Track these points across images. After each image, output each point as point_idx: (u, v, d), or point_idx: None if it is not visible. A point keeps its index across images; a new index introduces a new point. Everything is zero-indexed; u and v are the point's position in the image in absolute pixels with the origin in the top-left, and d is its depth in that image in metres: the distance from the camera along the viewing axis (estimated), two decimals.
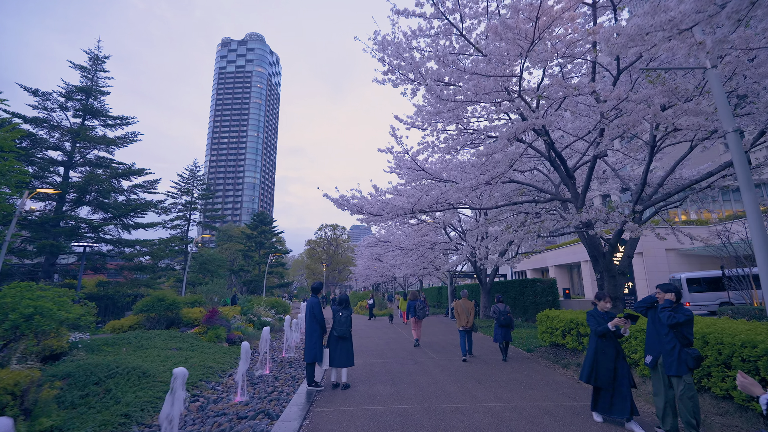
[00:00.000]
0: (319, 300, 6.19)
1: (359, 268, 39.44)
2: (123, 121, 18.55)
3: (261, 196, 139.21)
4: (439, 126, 9.17)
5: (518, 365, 7.80)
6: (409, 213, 8.40)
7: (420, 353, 9.47)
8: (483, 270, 17.69)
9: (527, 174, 12.92)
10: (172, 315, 10.72)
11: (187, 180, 28.20)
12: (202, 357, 7.69)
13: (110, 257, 17.87)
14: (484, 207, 8.81)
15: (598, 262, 8.43)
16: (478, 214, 15.54)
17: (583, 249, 36.28)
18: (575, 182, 8.38)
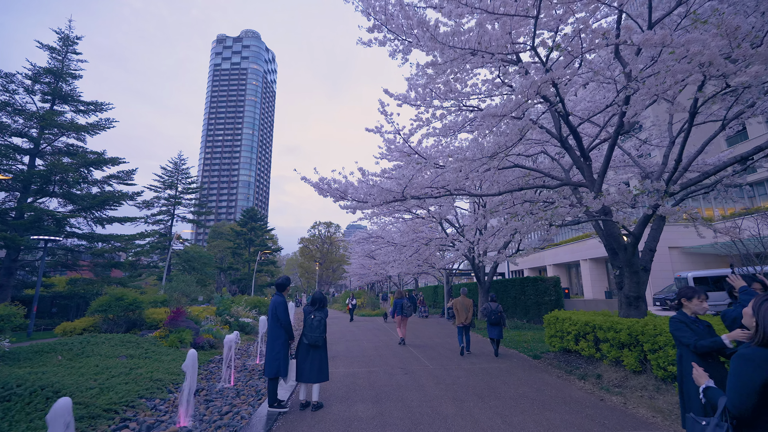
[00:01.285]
0: (285, 299, 5.03)
1: (353, 267, 38.27)
2: (96, 107, 17.21)
3: (256, 194, 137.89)
4: (435, 103, 8.06)
5: (526, 375, 6.68)
6: (400, 198, 7.24)
7: (412, 360, 8.33)
8: (481, 268, 16.59)
9: (530, 161, 11.83)
10: (134, 316, 9.50)
11: (171, 173, 26.84)
12: (154, 366, 6.50)
13: (78, 252, 16.56)
14: (485, 194, 7.70)
15: (618, 257, 7.33)
16: (477, 206, 14.43)
17: (582, 248, 35.36)
18: (590, 164, 7.27)
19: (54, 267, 17.90)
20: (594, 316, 7.39)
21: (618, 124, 6.34)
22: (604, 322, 6.50)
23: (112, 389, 5.02)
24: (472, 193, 7.99)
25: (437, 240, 15.48)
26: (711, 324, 3.07)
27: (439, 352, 9.39)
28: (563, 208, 6.28)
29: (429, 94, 7.96)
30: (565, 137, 7.76)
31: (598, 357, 6.74)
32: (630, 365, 5.75)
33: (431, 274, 32.16)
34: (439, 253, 19.87)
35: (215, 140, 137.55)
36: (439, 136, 9.38)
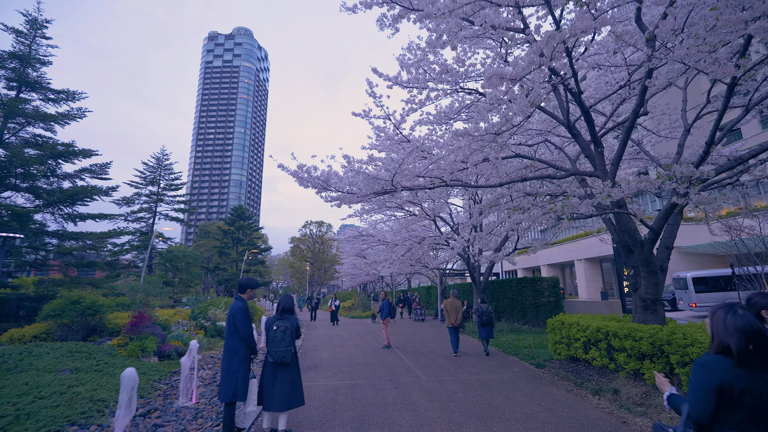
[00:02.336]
0: (246, 305, 4.14)
1: (345, 267, 37.32)
2: (68, 96, 16.06)
3: (248, 193, 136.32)
4: (430, 85, 7.24)
5: (531, 389, 5.88)
6: (390, 189, 6.40)
7: (402, 370, 7.48)
8: (477, 267, 15.82)
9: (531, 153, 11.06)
10: (94, 321, 8.51)
11: (153, 168, 25.62)
12: (101, 382, 5.55)
13: (47, 251, 15.37)
14: (483, 185, 6.90)
15: (632, 255, 6.57)
16: (473, 202, 13.65)
17: (577, 247, 34.90)
18: (602, 150, 6.50)
19: (21, 267, 16.70)
20: (606, 321, 6.62)
21: (638, 103, 5.57)
22: (620, 328, 5.73)
23: (33, 415, 4.09)
24: (470, 185, 7.17)
25: (431, 238, 14.68)
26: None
27: (432, 359, 8.56)
28: (575, 198, 5.49)
29: (423, 75, 7.15)
30: (572, 123, 7.00)
31: (612, 368, 5.96)
32: (653, 379, 4.97)
33: (424, 275, 31.38)
34: (433, 252, 19.08)
35: (206, 139, 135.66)
36: (433, 124, 8.57)
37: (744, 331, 1.66)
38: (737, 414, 1.62)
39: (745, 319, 1.70)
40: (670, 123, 9.64)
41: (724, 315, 1.75)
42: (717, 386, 1.64)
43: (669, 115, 9.57)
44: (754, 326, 1.67)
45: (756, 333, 1.66)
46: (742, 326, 1.68)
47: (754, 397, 1.60)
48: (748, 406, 1.60)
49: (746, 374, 1.63)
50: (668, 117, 9.60)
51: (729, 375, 1.64)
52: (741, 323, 1.68)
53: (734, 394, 1.62)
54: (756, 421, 1.60)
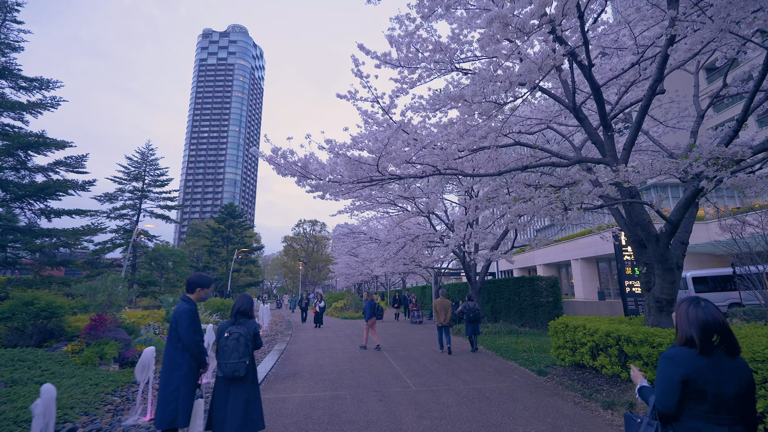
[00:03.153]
0: (193, 307, 3.40)
1: (339, 267, 36.54)
2: (42, 84, 15.15)
3: (242, 192, 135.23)
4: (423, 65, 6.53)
5: (534, 401, 5.19)
6: (377, 178, 5.69)
7: (391, 378, 6.77)
8: (472, 266, 15.17)
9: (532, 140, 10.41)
10: (51, 324, 7.70)
11: (137, 164, 24.65)
12: (35, 397, 4.77)
13: (14, 248, 14.46)
14: (481, 174, 6.23)
15: (645, 251, 5.92)
16: (468, 197, 12.99)
17: (573, 247, 34.45)
18: (613, 134, 5.84)
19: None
20: (615, 324, 5.97)
21: (655, 77, 4.91)
22: (634, 333, 5.06)
23: None
24: (465, 173, 6.49)
25: (425, 236, 14.00)
26: None
27: (424, 364, 7.86)
28: (587, 184, 4.80)
29: (414, 54, 6.45)
30: (578, 106, 6.35)
31: (625, 377, 5.30)
32: None
33: (419, 274, 30.75)
34: (427, 251, 18.41)
35: (200, 137, 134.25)
36: (426, 111, 7.86)
37: (705, 322, 1.71)
38: (702, 404, 1.67)
39: (707, 311, 1.74)
40: (678, 111, 9.03)
41: (687, 308, 1.79)
42: (682, 378, 1.69)
43: (678, 103, 8.96)
44: (715, 318, 1.72)
45: (717, 325, 1.70)
46: (704, 318, 1.72)
47: (717, 387, 1.64)
48: (711, 396, 1.64)
49: (709, 365, 1.67)
50: (677, 105, 9.00)
51: (693, 367, 1.68)
52: (703, 315, 1.73)
53: (698, 384, 1.67)
54: (719, 411, 1.64)
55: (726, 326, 1.71)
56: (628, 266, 14.03)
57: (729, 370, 1.67)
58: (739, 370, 1.69)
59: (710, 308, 1.76)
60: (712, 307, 1.77)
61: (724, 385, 1.64)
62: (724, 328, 1.71)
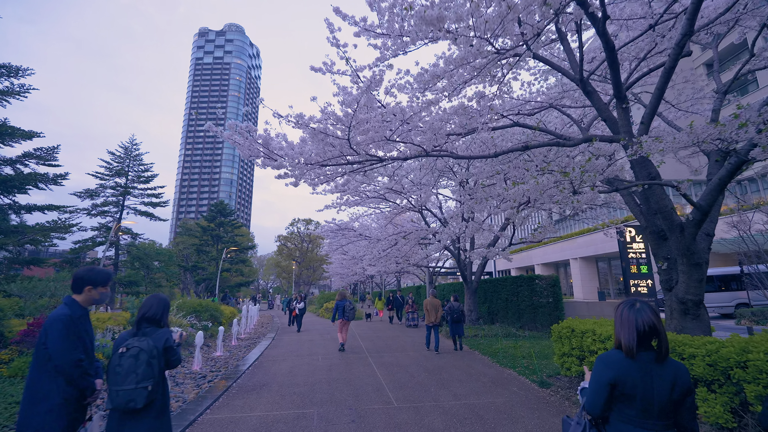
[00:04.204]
0: (76, 313, 2.52)
1: (334, 267, 35.61)
2: (10, 71, 14.17)
3: (239, 192, 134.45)
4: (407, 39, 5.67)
5: (536, 422, 4.33)
6: (348, 152, 4.82)
7: (372, 391, 5.89)
8: (468, 265, 14.33)
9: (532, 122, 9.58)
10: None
11: (120, 159, 23.64)
12: None
13: None
14: (475, 155, 5.38)
15: (665, 243, 5.07)
16: (462, 190, 12.14)
17: (572, 246, 33.71)
18: (628, 107, 4.99)
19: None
20: None
21: (683, 31, 4.05)
22: None
23: None
24: (458, 155, 5.62)
25: (417, 233, 13.14)
26: None
27: (411, 373, 6.99)
28: (602, 158, 3.95)
29: (400, 23, 5.58)
30: (586, 78, 5.50)
31: None
32: (713, 417, 3.46)
33: (414, 274, 29.87)
34: (421, 249, 17.54)
35: (196, 136, 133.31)
36: (414, 91, 6.99)
37: (635, 325, 1.68)
38: (631, 408, 1.65)
39: (639, 314, 1.70)
40: (693, 93, 8.20)
41: (622, 310, 1.77)
42: (609, 381, 1.66)
43: (693, 83, 8.15)
44: (645, 321, 1.67)
45: (648, 328, 1.67)
46: (633, 321, 1.69)
47: (646, 392, 1.61)
48: (640, 401, 1.62)
49: (639, 369, 1.64)
50: (691, 85, 8.18)
51: (622, 370, 1.66)
52: (633, 318, 1.70)
53: (626, 388, 1.64)
54: (648, 416, 1.62)
55: (657, 329, 1.67)
56: (633, 264, 13.19)
57: (660, 375, 1.63)
58: (673, 375, 1.64)
59: (644, 311, 1.71)
60: (647, 310, 1.71)
61: (654, 390, 1.61)
62: (655, 332, 1.67)
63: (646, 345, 1.66)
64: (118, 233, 21.49)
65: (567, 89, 8.86)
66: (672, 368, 1.65)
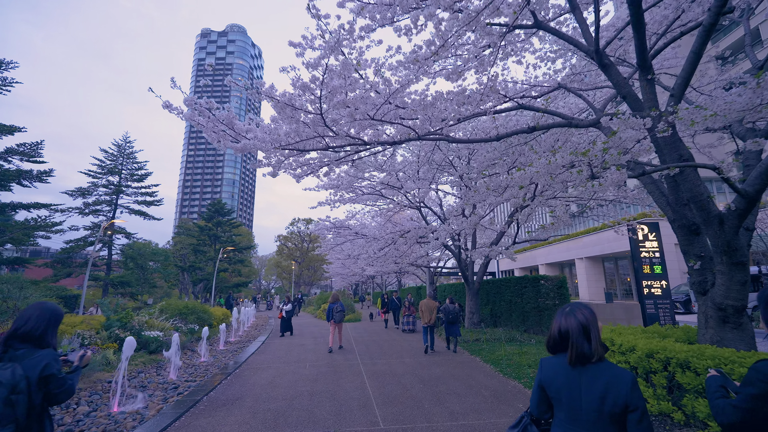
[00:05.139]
0: None
1: (334, 267, 34.97)
2: None
3: (241, 192, 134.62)
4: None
5: None
6: (325, 132, 4.12)
7: (357, 410, 5.18)
8: (469, 265, 13.59)
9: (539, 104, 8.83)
10: None
11: (113, 157, 23.07)
12: None
13: None
14: (475, 139, 4.68)
15: (698, 238, 4.33)
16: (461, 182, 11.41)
17: (577, 245, 32.82)
18: (653, 78, 4.26)
19: None
20: (658, 339, 4.37)
21: None
22: (694, 355, 3.46)
23: None
24: (455, 139, 4.90)
25: (415, 230, 12.42)
26: None
27: (404, 385, 6.27)
28: (630, 131, 3.21)
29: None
30: (602, 49, 4.77)
31: (680, 420, 3.68)
32: None
33: (415, 274, 29.15)
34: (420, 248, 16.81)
35: (199, 137, 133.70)
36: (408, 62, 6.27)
37: (558, 328, 1.67)
38: (561, 412, 1.63)
39: (561, 317, 1.68)
40: (717, 74, 7.43)
41: (558, 313, 1.74)
42: (539, 382, 1.70)
43: (715, 63, 7.37)
44: (562, 325, 1.66)
45: (561, 332, 1.65)
46: (558, 325, 1.68)
47: (571, 396, 1.58)
48: (566, 405, 1.60)
49: (566, 373, 1.62)
50: (714, 65, 7.41)
51: (549, 372, 1.67)
52: (558, 320, 1.69)
53: (551, 391, 1.64)
54: (576, 423, 1.57)
55: (576, 332, 1.60)
56: (645, 264, 12.35)
57: (590, 383, 1.55)
58: (604, 385, 1.52)
59: (570, 315, 1.66)
60: (573, 314, 1.65)
61: (582, 395, 1.55)
62: (574, 334, 1.60)
63: (563, 346, 1.65)
64: (107, 232, 20.92)
65: (576, 72, 8.13)
66: (606, 377, 1.53)
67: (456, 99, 4.78)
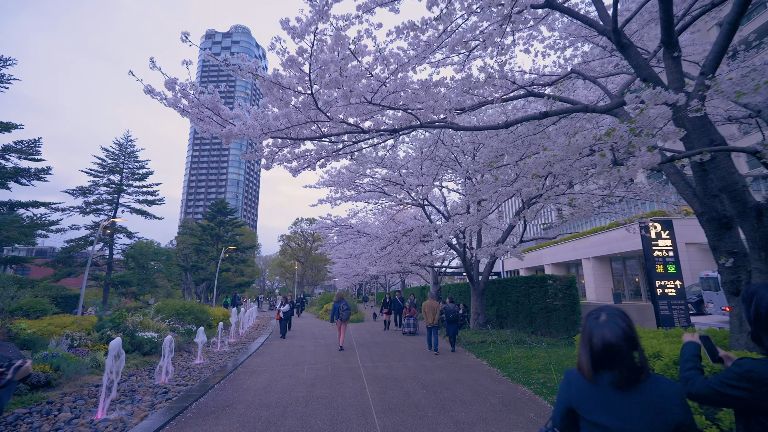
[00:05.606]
0: None
1: (337, 267, 34.68)
2: None
3: (245, 193, 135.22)
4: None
5: None
6: (316, 116, 3.77)
7: (355, 416, 4.82)
8: (474, 264, 13.19)
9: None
10: None
11: (114, 155, 22.92)
12: None
13: None
14: (482, 126, 4.31)
15: (729, 233, 3.92)
16: (468, 177, 11.02)
17: (584, 245, 32.26)
18: (680, 56, 3.86)
19: None
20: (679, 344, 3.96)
21: None
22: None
23: None
24: (460, 126, 4.53)
25: (419, 228, 12.05)
26: None
27: (407, 391, 5.90)
28: (662, 107, 2.82)
29: None
30: (620, 27, 4.39)
31: None
32: None
33: (419, 275, 28.74)
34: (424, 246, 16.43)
35: (203, 138, 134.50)
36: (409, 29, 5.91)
37: (600, 342, 1.32)
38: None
39: (599, 328, 1.35)
40: (745, 57, 6.97)
41: (584, 322, 1.44)
42: (566, 404, 1.41)
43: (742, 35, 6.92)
44: (602, 338, 1.32)
45: (602, 347, 1.31)
46: (599, 338, 1.33)
47: (613, 423, 1.27)
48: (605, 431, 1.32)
49: (602, 396, 1.32)
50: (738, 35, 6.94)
51: (580, 394, 1.37)
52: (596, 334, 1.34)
53: (587, 413, 1.34)
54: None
55: (624, 347, 1.29)
56: (658, 263, 11.88)
57: (636, 403, 1.27)
58: (653, 406, 1.25)
59: (607, 325, 1.34)
60: (611, 324, 1.33)
61: (627, 421, 1.26)
62: (622, 349, 1.29)
63: (610, 366, 1.32)
64: (106, 231, 20.75)
65: (588, 60, 7.75)
66: (655, 395, 1.28)
67: (461, 85, 4.41)
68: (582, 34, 7.45)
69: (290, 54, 3.14)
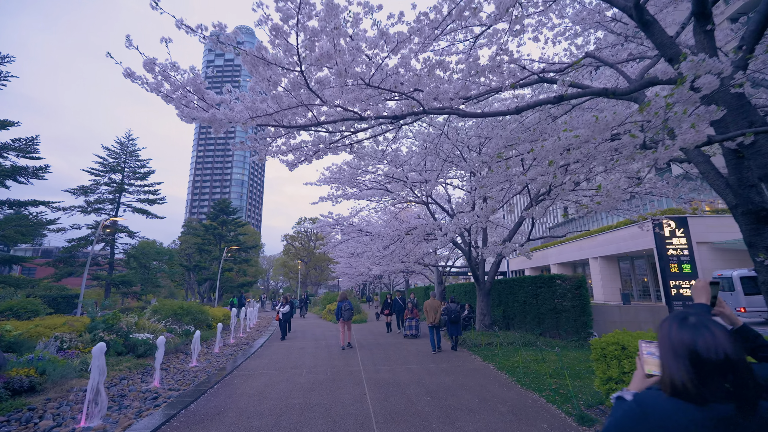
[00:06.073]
0: None
1: (341, 266, 34.35)
2: None
3: (249, 193, 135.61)
4: None
5: None
6: (308, 96, 3.42)
7: (354, 423, 4.46)
8: (480, 264, 12.79)
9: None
10: None
11: (116, 155, 22.78)
12: None
13: None
14: (490, 112, 3.96)
15: (767, 228, 3.52)
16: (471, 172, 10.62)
17: (591, 244, 31.65)
18: (713, 29, 3.47)
19: None
20: None
21: None
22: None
23: None
24: (466, 112, 4.16)
25: (422, 227, 11.67)
26: None
27: (410, 398, 5.53)
28: (707, 77, 2.43)
29: None
30: (641, 3, 3.99)
31: None
32: None
33: (423, 274, 28.33)
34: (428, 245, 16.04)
35: (208, 138, 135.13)
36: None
37: (695, 353, 0.95)
38: None
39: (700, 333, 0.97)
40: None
41: (669, 327, 1.04)
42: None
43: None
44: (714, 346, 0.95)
45: (718, 358, 0.94)
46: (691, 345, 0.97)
47: None
48: None
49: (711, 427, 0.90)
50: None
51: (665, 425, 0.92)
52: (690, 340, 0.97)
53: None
54: None
55: (731, 360, 0.93)
56: (673, 263, 11.41)
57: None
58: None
59: (707, 329, 0.97)
60: (712, 328, 0.97)
61: None
62: (733, 363, 0.93)
63: (716, 385, 0.92)
64: (106, 230, 20.59)
65: (601, 47, 7.38)
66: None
67: (468, 68, 4.04)
68: (595, 19, 7.08)
69: (274, 21, 2.79)
